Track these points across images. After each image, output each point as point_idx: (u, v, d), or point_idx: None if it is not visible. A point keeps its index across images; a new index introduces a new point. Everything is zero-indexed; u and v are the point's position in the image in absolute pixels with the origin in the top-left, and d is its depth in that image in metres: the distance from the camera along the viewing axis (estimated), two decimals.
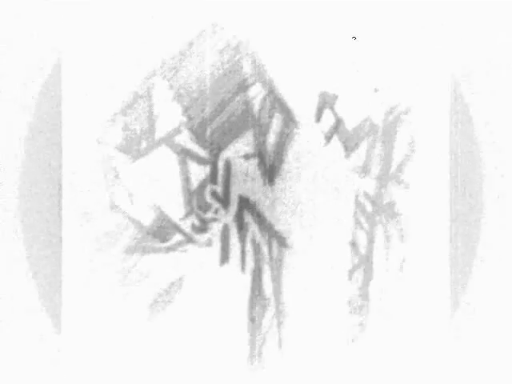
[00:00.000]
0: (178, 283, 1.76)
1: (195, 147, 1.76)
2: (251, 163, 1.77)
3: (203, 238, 1.76)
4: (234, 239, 1.77)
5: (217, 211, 1.77)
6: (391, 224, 1.82)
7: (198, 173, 1.76)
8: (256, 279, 1.77)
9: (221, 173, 1.77)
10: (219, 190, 1.77)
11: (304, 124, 1.78)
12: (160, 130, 1.76)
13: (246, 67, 1.77)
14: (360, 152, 1.81)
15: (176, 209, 1.76)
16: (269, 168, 1.77)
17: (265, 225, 1.77)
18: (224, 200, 1.77)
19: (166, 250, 1.76)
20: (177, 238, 1.76)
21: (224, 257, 1.76)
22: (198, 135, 1.76)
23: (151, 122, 1.76)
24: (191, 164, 1.76)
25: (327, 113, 1.79)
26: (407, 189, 1.82)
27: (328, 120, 1.79)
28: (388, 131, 1.82)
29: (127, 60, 1.75)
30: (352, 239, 1.80)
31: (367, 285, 1.80)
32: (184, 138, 1.76)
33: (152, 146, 1.76)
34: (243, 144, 1.77)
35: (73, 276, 1.74)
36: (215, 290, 1.76)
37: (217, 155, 1.76)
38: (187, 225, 1.77)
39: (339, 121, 1.79)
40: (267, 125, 1.77)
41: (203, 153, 1.76)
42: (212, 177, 1.77)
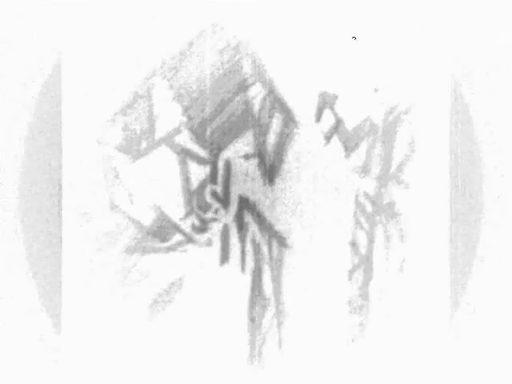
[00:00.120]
0: (178, 283, 1.75)
1: (195, 147, 1.76)
2: (251, 163, 1.77)
3: (203, 238, 1.76)
4: (234, 239, 1.77)
5: (217, 211, 1.77)
6: (391, 224, 1.81)
7: (198, 173, 1.76)
8: (256, 279, 1.77)
9: (221, 173, 1.77)
10: (219, 190, 1.77)
11: (304, 124, 1.78)
12: (160, 130, 1.76)
13: (246, 67, 1.77)
14: (360, 152, 1.81)
15: (176, 209, 1.76)
16: (269, 168, 1.77)
17: (265, 225, 1.77)
18: (224, 200, 1.77)
19: (166, 250, 1.76)
20: (177, 238, 1.76)
21: (224, 257, 1.76)
22: (198, 135, 1.76)
23: (151, 122, 1.76)
24: (191, 164, 1.76)
25: (327, 113, 1.79)
26: (407, 189, 1.82)
27: (328, 120, 1.79)
28: (388, 131, 1.82)
29: (127, 60, 1.75)
30: (352, 239, 1.80)
31: (367, 285, 1.80)
32: (184, 138, 1.76)
33: (152, 146, 1.76)
34: (243, 144, 1.77)
35: (73, 276, 1.74)
36: (215, 290, 1.76)
37: (217, 155, 1.76)
38: (187, 225, 1.77)
39: (339, 121, 1.79)
40: (267, 125, 1.77)
41: (203, 153, 1.76)
42: (212, 177, 1.76)
